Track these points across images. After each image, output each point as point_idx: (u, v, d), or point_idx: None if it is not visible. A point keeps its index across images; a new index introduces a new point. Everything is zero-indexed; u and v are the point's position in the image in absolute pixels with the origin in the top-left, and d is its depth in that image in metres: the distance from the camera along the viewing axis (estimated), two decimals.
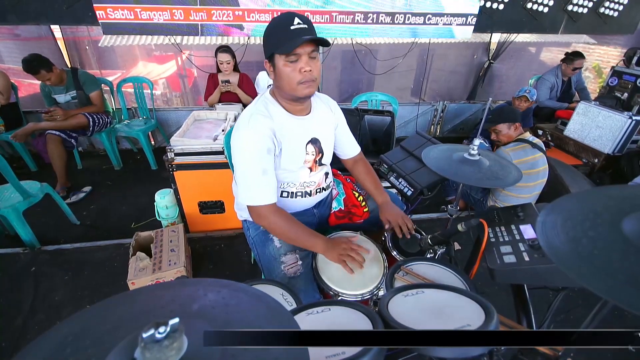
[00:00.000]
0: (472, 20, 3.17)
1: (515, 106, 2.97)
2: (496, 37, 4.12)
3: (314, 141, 1.23)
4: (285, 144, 1.14)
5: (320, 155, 1.27)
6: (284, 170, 1.19)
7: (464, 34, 3.24)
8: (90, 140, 3.63)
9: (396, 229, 1.26)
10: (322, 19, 2.90)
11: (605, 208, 0.60)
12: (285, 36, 1.00)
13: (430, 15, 3.07)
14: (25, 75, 2.85)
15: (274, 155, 1.14)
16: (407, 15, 3.02)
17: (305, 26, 1.01)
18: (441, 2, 3.02)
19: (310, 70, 1.04)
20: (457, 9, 3.09)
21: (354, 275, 1.09)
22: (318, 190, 1.33)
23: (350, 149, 1.45)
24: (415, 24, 3.08)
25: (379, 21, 3.00)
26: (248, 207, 1.15)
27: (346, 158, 1.47)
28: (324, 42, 1.02)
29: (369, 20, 2.98)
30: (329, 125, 1.31)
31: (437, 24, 3.12)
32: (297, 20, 1.00)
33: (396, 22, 3.03)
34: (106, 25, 2.58)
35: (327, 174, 1.35)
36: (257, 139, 1.08)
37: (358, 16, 2.95)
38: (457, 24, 3.17)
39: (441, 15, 3.09)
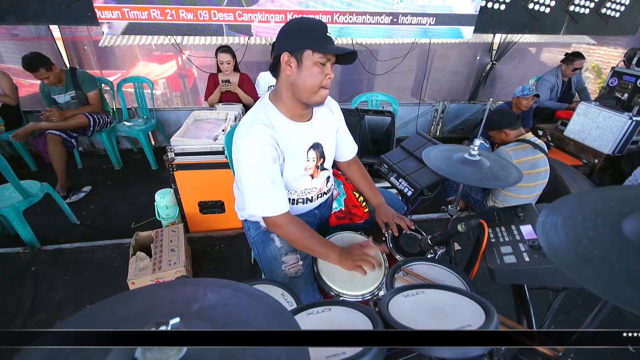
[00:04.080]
0: (472, 20, 3.17)
1: (523, 106, 2.94)
2: (499, 38, 4.11)
3: (316, 146, 1.21)
4: (288, 152, 1.13)
5: (322, 160, 1.26)
6: (286, 178, 1.18)
7: (465, 34, 3.25)
8: (90, 140, 3.63)
9: (393, 227, 1.26)
10: (344, 19, 2.93)
11: (605, 209, 0.60)
12: (323, 38, 1.02)
13: (440, 16, 3.09)
14: (25, 75, 2.85)
15: (279, 164, 1.12)
16: (419, 17, 3.06)
17: (331, 37, 1.05)
18: (450, 2, 3.04)
19: (331, 78, 1.07)
20: (459, 9, 3.10)
21: (354, 275, 1.09)
22: (319, 195, 1.33)
23: (348, 151, 1.43)
24: (427, 24, 3.11)
25: (394, 22, 3.03)
26: (263, 217, 1.14)
27: (343, 160, 1.45)
28: (351, 58, 1.06)
29: (384, 21, 3.02)
30: (331, 128, 1.30)
31: (447, 24, 3.13)
32: (328, 29, 1.05)
33: (409, 22, 3.06)
34: (125, 26, 2.60)
35: (328, 178, 1.35)
36: (261, 149, 1.06)
37: (376, 17, 2.98)
38: (459, 25, 3.17)
39: (450, 15, 3.11)
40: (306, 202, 1.30)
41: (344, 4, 2.88)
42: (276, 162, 1.10)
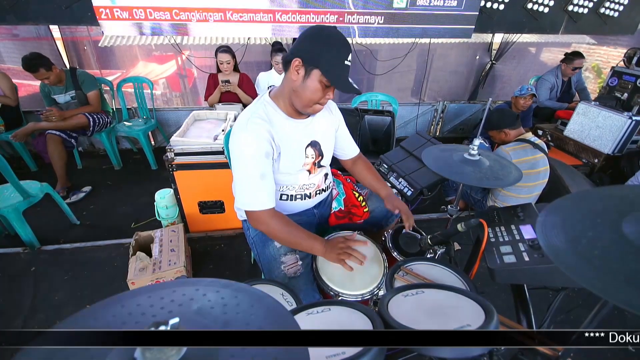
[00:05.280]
0: (472, 20, 3.17)
1: (520, 105, 2.95)
2: (498, 38, 4.11)
3: (314, 144, 1.23)
4: (284, 147, 1.14)
5: (320, 157, 1.27)
6: (283, 174, 1.19)
7: (465, 34, 3.25)
8: (90, 140, 3.62)
9: (404, 216, 1.27)
10: (341, 19, 2.92)
11: (604, 208, 0.60)
12: (339, 67, 1.04)
13: (443, 15, 3.09)
14: (25, 75, 2.85)
15: (272, 159, 1.13)
16: (420, 15, 3.04)
17: (350, 64, 1.07)
18: (449, 2, 3.03)
19: (330, 98, 1.11)
20: (458, 9, 3.10)
21: (354, 275, 1.09)
22: (318, 192, 1.33)
23: (350, 149, 1.45)
24: (427, 24, 3.10)
25: (391, 22, 3.03)
26: (246, 211, 1.14)
27: (346, 159, 1.47)
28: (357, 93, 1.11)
29: (383, 21, 3.01)
30: (329, 127, 1.31)
31: (450, 24, 3.13)
32: (350, 56, 1.06)
33: (409, 22, 3.05)
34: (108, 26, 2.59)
35: (326, 175, 1.35)
36: (255, 143, 1.07)
37: (373, 17, 2.98)
38: (459, 25, 3.17)
39: (452, 15, 3.10)
40: (304, 199, 1.30)
41: (345, 2, 2.87)
42: (269, 157, 1.10)
